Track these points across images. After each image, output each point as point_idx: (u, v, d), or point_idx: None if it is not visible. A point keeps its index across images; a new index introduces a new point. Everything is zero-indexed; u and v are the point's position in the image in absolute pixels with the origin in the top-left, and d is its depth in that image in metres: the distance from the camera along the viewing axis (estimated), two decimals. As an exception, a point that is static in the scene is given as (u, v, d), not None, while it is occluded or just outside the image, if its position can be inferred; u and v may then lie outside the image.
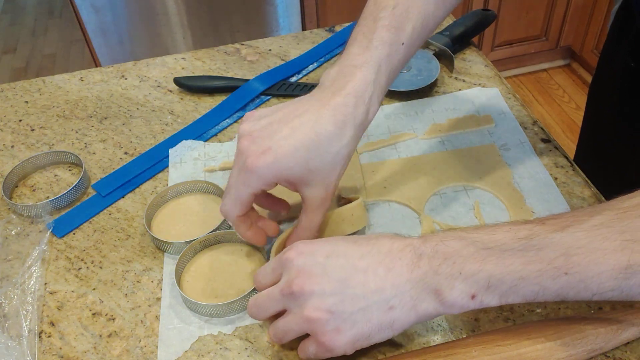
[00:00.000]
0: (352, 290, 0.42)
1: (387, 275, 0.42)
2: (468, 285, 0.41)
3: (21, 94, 0.83)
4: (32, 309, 0.55)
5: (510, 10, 2.05)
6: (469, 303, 0.41)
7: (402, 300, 0.42)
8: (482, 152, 0.67)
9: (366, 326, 0.43)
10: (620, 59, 0.74)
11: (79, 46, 2.71)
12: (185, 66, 0.86)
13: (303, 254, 0.44)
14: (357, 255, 0.44)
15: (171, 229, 0.61)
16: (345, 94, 0.48)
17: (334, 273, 0.43)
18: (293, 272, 0.44)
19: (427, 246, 0.43)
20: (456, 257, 0.42)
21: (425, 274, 0.42)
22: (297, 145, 0.46)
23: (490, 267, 0.41)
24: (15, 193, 0.68)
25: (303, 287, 0.43)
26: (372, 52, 0.50)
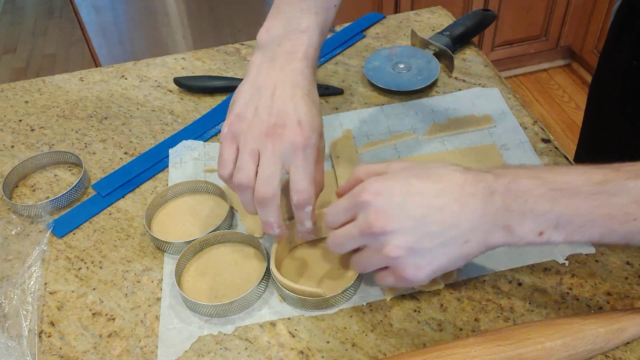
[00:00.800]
0: (430, 227, 0.44)
1: (462, 211, 0.44)
2: (537, 223, 0.43)
3: (21, 94, 0.83)
4: (32, 309, 0.55)
5: (510, 10, 2.05)
6: (536, 239, 0.43)
7: (476, 234, 0.44)
8: (482, 152, 0.67)
9: (444, 260, 0.45)
10: (621, 58, 0.74)
11: (79, 46, 2.70)
12: (185, 66, 0.86)
13: (380, 194, 0.45)
14: (433, 193, 0.45)
15: (171, 229, 0.61)
16: (300, 58, 0.52)
17: (412, 212, 0.44)
18: (371, 213, 0.45)
19: (499, 183, 0.44)
20: (528, 196, 0.43)
21: (498, 210, 0.44)
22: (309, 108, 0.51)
23: (560, 208, 0.42)
24: (15, 193, 0.68)
25: (384, 227, 0.44)
26: (314, 17, 0.54)
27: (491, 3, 2.01)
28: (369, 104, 0.76)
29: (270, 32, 0.54)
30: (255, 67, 0.54)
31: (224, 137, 0.52)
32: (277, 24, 0.54)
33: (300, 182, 0.50)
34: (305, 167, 0.50)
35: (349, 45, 0.87)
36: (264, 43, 0.54)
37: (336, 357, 0.50)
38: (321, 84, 0.79)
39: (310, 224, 0.53)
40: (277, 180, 0.50)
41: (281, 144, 0.49)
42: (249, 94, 0.53)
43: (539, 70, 2.33)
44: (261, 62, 0.54)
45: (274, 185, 0.50)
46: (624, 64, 0.73)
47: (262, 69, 0.53)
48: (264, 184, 0.50)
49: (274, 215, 0.52)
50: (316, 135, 0.51)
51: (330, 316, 0.53)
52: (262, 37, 0.55)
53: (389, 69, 0.79)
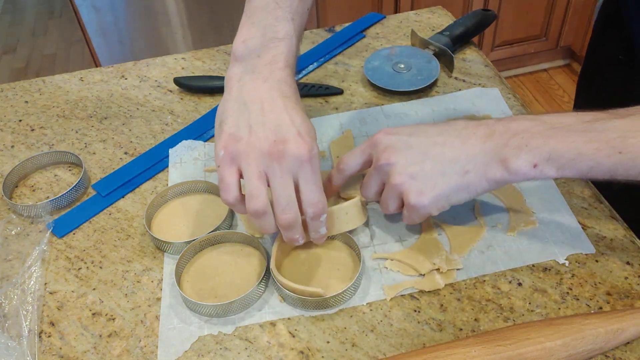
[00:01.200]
0: (432, 159, 0.50)
1: (462, 146, 0.50)
2: (531, 155, 0.47)
3: (21, 94, 0.83)
4: (32, 309, 0.55)
5: (510, 10, 2.05)
6: (530, 171, 0.47)
7: (475, 166, 0.49)
8: (482, 152, 0.67)
9: (445, 186, 0.50)
10: (607, 52, 0.74)
11: (79, 46, 2.71)
12: (185, 66, 0.86)
13: (389, 134, 0.53)
14: (436, 132, 0.52)
15: (171, 229, 0.61)
16: (282, 67, 0.53)
17: (416, 147, 0.51)
18: (381, 149, 0.52)
19: (499, 124, 0.50)
20: (525, 133, 0.48)
21: (496, 145, 0.49)
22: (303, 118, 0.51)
23: (553, 142, 0.47)
24: (15, 193, 0.68)
25: (389, 159, 0.51)
26: (290, 24, 0.54)
27: (491, 3, 2.01)
28: (369, 104, 0.76)
29: (247, 43, 0.53)
30: (236, 81, 0.52)
31: (222, 161, 0.50)
32: (254, 33, 0.53)
33: (312, 194, 0.50)
34: (314, 178, 0.49)
35: (349, 45, 0.87)
36: (241, 55, 0.53)
37: (336, 357, 0.50)
38: (321, 84, 0.79)
39: (325, 230, 0.53)
40: (295, 201, 0.49)
41: (287, 161, 0.48)
42: (236, 111, 0.50)
43: (539, 70, 2.33)
44: (242, 75, 0.52)
45: (293, 209, 0.49)
46: (610, 58, 0.73)
47: (244, 83, 0.52)
48: (284, 211, 0.49)
49: (299, 232, 0.52)
50: (316, 144, 0.50)
51: (330, 316, 0.53)
52: (239, 48, 0.53)
53: (389, 69, 0.79)
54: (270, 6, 0.53)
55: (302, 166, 0.48)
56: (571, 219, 0.58)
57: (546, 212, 0.59)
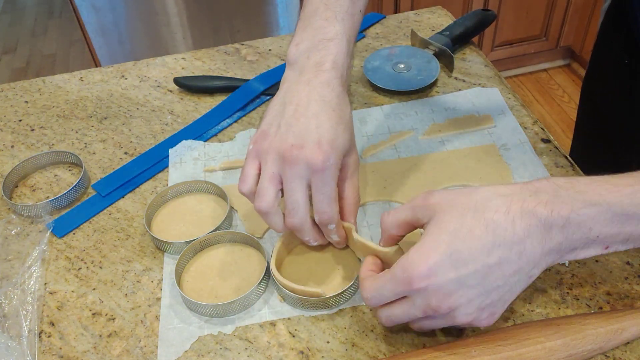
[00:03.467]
0: (493, 284, 0.42)
1: (520, 257, 0.42)
2: (604, 242, 0.42)
3: (21, 94, 0.83)
4: (32, 309, 0.55)
5: (510, 10, 2.05)
6: (602, 252, 0.43)
7: (540, 268, 0.43)
8: (482, 152, 0.67)
9: (513, 297, 0.44)
10: (612, 55, 0.74)
11: (79, 46, 2.71)
12: (185, 66, 0.86)
13: (430, 278, 0.42)
14: (484, 252, 0.41)
15: (171, 229, 0.61)
16: (328, 68, 0.51)
17: (471, 281, 0.42)
18: (432, 298, 0.42)
19: (555, 217, 0.41)
20: (592, 224, 0.41)
21: (560, 244, 0.42)
22: (333, 126, 0.49)
23: (630, 229, 0.41)
24: (15, 193, 0.68)
25: (451, 306, 0.42)
26: (340, 23, 0.53)
27: (491, 3, 2.01)
28: (369, 104, 0.76)
29: (299, 47, 0.53)
30: (286, 82, 0.53)
31: (249, 154, 0.52)
32: (305, 37, 0.53)
33: (321, 204, 0.50)
34: (323, 189, 0.49)
35: (349, 45, 0.87)
36: (293, 58, 0.53)
37: (336, 357, 0.50)
38: (321, 84, 0.79)
39: (336, 237, 0.53)
40: (304, 207, 0.50)
41: (298, 167, 0.48)
42: (275, 110, 0.52)
43: (539, 70, 2.33)
44: (291, 77, 0.53)
45: (299, 214, 0.50)
46: (616, 61, 0.73)
47: (290, 84, 0.52)
48: (290, 214, 0.50)
49: (308, 235, 0.53)
50: (336, 154, 0.49)
51: (330, 316, 0.53)
52: (292, 52, 0.54)
53: (389, 69, 0.79)
54: (320, 9, 0.54)
55: (314, 175, 0.49)
56: (571, 219, 0.58)
57: (546, 212, 0.59)
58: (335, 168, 0.49)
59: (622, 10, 0.71)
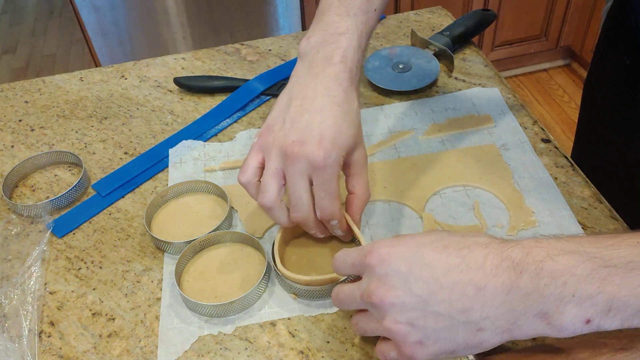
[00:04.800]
0: (436, 307, 0.39)
1: (477, 294, 0.38)
2: (583, 309, 0.35)
3: (21, 94, 0.83)
4: (32, 309, 0.55)
5: (510, 10, 2.05)
6: (582, 328, 0.36)
7: (494, 322, 0.38)
8: (482, 152, 0.67)
9: (450, 343, 0.40)
10: (614, 57, 0.74)
11: (79, 46, 2.71)
12: (185, 66, 0.86)
13: (384, 261, 0.41)
14: (443, 269, 0.39)
15: (171, 229, 0.61)
16: (337, 62, 0.51)
17: (416, 287, 0.39)
18: (374, 281, 0.41)
19: (529, 261, 0.37)
20: (568, 277, 0.36)
21: (528, 296, 0.36)
22: (338, 122, 0.49)
23: (612, 289, 0.35)
24: (15, 193, 0.68)
25: (383, 299, 0.40)
26: (352, 19, 0.52)
27: (491, 3, 2.01)
28: (369, 104, 0.76)
29: (310, 40, 0.53)
30: (295, 76, 0.53)
31: (253, 146, 0.52)
32: (317, 30, 0.53)
33: (321, 200, 0.50)
34: (324, 186, 0.49)
35: (349, 45, 0.87)
36: (304, 51, 0.53)
37: (336, 357, 0.50)
38: (321, 84, 0.79)
39: (340, 232, 0.54)
40: (307, 202, 0.50)
41: (300, 164, 0.48)
42: (282, 105, 0.52)
43: (539, 70, 2.33)
44: (300, 70, 0.53)
45: (303, 209, 0.51)
46: (617, 62, 0.73)
47: (299, 78, 0.52)
48: (293, 210, 0.51)
49: (312, 228, 0.53)
50: (338, 152, 0.49)
51: (330, 316, 0.53)
52: (303, 45, 0.53)
53: (389, 69, 0.79)
54: (334, 5, 0.54)
55: (315, 172, 0.49)
56: (571, 219, 0.58)
57: (546, 212, 0.59)
58: (336, 165, 0.49)
59: (623, 11, 0.71)
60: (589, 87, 0.84)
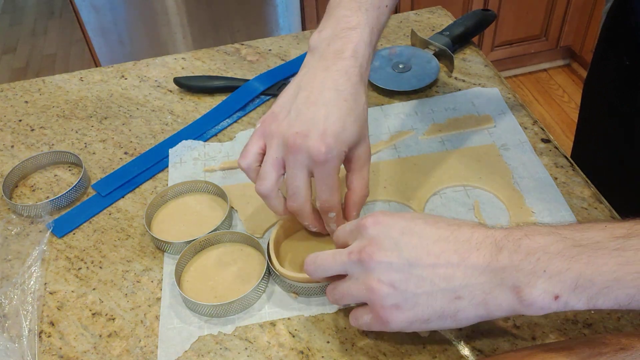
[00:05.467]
0: (420, 272, 0.41)
1: (460, 264, 0.41)
2: (552, 284, 0.38)
3: (21, 94, 0.83)
4: (32, 309, 0.55)
5: (510, 10, 2.05)
6: (550, 304, 0.38)
7: (471, 292, 0.40)
8: (482, 152, 0.67)
9: (427, 310, 0.42)
10: (614, 57, 0.74)
11: (79, 46, 2.71)
12: (185, 66, 0.86)
13: (379, 224, 0.44)
14: (433, 238, 0.42)
15: (171, 229, 0.61)
16: (347, 56, 0.51)
17: (405, 250, 0.42)
18: (365, 240, 0.44)
19: (509, 239, 0.40)
20: (541, 254, 0.39)
21: (504, 269, 0.39)
22: (342, 117, 0.49)
23: (579, 266, 0.37)
24: (15, 193, 0.68)
25: (371, 256, 0.42)
26: (364, 14, 0.52)
27: (491, 3, 2.01)
28: (369, 104, 0.76)
29: (321, 34, 0.53)
30: (305, 67, 0.53)
31: (255, 132, 0.52)
32: (328, 25, 0.53)
33: (322, 193, 0.51)
34: (325, 180, 0.50)
35: (349, 45, 0.87)
36: (315, 45, 0.53)
37: (336, 357, 0.50)
38: (321, 84, 0.79)
39: (335, 226, 0.54)
40: (304, 193, 0.51)
41: (301, 156, 0.49)
42: (289, 94, 0.52)
43: (539, 70, 2.33)
44: (310, 62, 0.53)
45: (300, 199, 0.51)
46: (617, 62, 0.73)
47: (309, 69, 0.52)
48: (291, 199, 0.51)
49: (307, 220, 0.53)
50: (340, 147, 0.49)
51: (330, 316, 0.53)
52: (314, 39, 0.53)
53: (389, 69, 0.79)
54: (345, 0, 0.54)
55: (316, 165, 0.49)
56: (571, 219, 0.58)
57: (546, 212, 0.59)
58: (337, 160, 0.49)
59: (623, 11, 0.71)
60: (589, 87, 0.84)
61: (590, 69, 0.82)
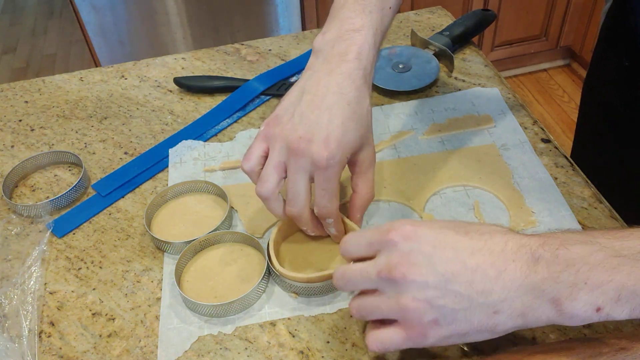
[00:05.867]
0: (457, 287, 0.39)
1: (497, 277, 0.39)
2: (594, 296, 0.37)
3: (21, 94, 0.83)
4: (32, 309, 0.55)
5: (510, 10, 2.05)
6: (592, 316, 0.37)
7: (511, 305, 0.39)
8: (482, 152, 0.67)
9: (465, 326, 0.40)
10: (613, 57, 0.74)
11: (79, 46, 2.71)
12: (185, 66, 0.86)
13: (409, 239, 0.41)
14: (468, 250, 0.40)
15: (171, 229, 0.61)
16: (351, 59, 0.51)
17: (440, 266, 0.40)
18: (395, 257, 0.41)
19: (546, 249, 0.39)
20: (581, 265, 0.37)
21: (543, 281, 0.38)
22: (345, 121, 0.49)
23: (621, 277, 0.36)
24: (15, 193, 0.68)
25: (405, 275, 0.40)
26: (368, 16, 0.52)
27: (491, 3, 2.01)
28: (369, 104, 0.76)
29: (325, 36, 0.53)
30: (309, 70, 0.53)
31: (258, 134, 0.52)
32: (332, 27, 0.53)
33: (321, 199, 0.51)
34: (325, 185, 0.50)
35: (349, 45, 0.87)
36: (319, 47, 0.53)
37: (336, 357, 0.50)
38: (321, 84, 0.79)
39: (334, 231, 0.54)
40: (304, 197, 0.51)
41: (303, 160, 0.49)
42: (292, 97, 0.52)
43: (539, 70, 2.33)
44: (314, 65, 0.53)
45: (299, 204, 0.51)
46: (616, 63, 0.73)
47: (313, 72, 0.52)
48: (290, 203, 0.51)
49: (305, 225, 0.54)
50: (343, 152, 0.49)
51: (330, 316, 0.53)
52: (318, 41, 0.53)
53: (389, 69, 0.79)
54: (349, 2, 0.54)
55: (317, 171, 0.49)
56: (571, 219, 0.58)
57: (546, 212, 0.59)
58: (339, 166, 0.49)
59: (623, 11, 0.71)
60: (589, 87, 0.84)
61: (590, 69, 0.82)
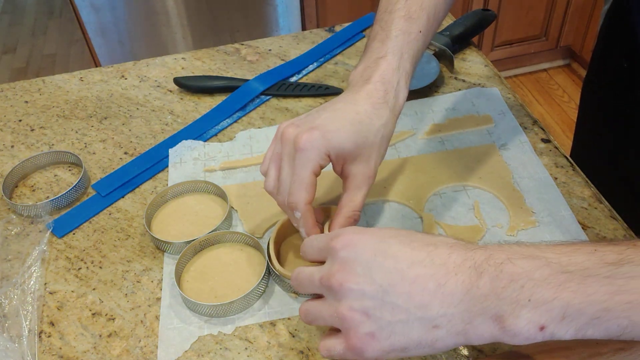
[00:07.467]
0: (394, 299, 0.38)
1: (436, 291, 0.38)
2: (537, 314, 0.35)
3: (21, 94, 0.83)
4: (32, 309, 0.55)
5: (510, 10, 2.05)
6: (536, 335, 0.35)
7: (450, 321, 0.38)
8: (482, 152, 0.67)
9: (403, 339, 0.39)
10: (612, 59, 0.74)
11: (79, 46, 2.70)
12: (185, 66, 0.86)
13: (349, 246, 0.41)
14: (408, 261, 0.39)
15: (171, 229, 0.61)
16: (374, 81, 0.51)
17: (378, 275, 0.39)
18: (335, 265, 0.41)
19: (491, 263, 0.37)
20: (525, 280, 0.36)
21: (485, 297, 0.36)
22: (343, 122, 0.49)
23: (567, 295, 0.35)
24: (15, 193, 0.68)
25: (342, 283, 0.40)
26: (393, 41, 0.53)
27: (491, 3, 2.01)
28: (368, 104, 0.76)
29: (356, 69, 0.54)
30: None
31: (275, 136, 0.52)
32: (362, 60, 0.54)
33: (292, 183, 0.49)
34: (297, 170, 0.48)
35: (349, 45, 0.87)
36: (350, 80, 0.54)
37: (336, 357, 0.50)
38: (321, 84, 0.79)
39: (304, 232, 0.51)
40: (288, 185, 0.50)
41: (288, 147, 0.49)
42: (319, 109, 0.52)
43: (539, 70, 2.33)
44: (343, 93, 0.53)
45: (284, 192, 0.51)
46: (616, 63, 0.73)
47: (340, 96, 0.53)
48: (277, 192, 0.51)
49: (289, 215, 0.52)
50: (324, 143, 0.48)
51: (330, 316, 0.53)
52: (351, 76, 0.54)
53: (389, 69, 0.79)
54: (378, 33, 0.55)
55: (296, 154, 0.48)
56: (571, 219, 0.58)
57: (546, 212, 0.59)
58: (315, 153, 0.48)
59: (622, 12, 0.71)
60: (588, 87, 0.84)
61: (589, 69, 0.82)
